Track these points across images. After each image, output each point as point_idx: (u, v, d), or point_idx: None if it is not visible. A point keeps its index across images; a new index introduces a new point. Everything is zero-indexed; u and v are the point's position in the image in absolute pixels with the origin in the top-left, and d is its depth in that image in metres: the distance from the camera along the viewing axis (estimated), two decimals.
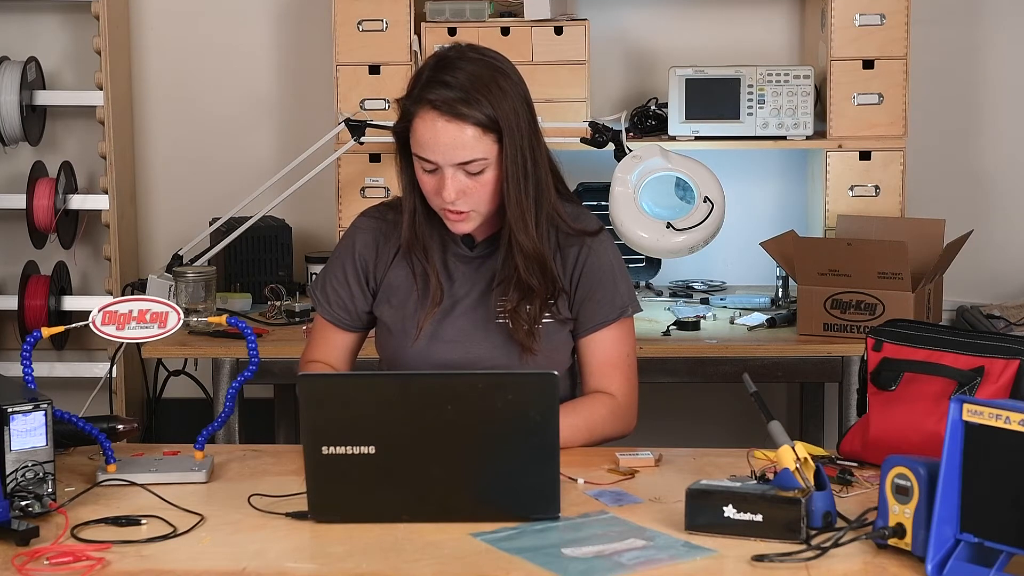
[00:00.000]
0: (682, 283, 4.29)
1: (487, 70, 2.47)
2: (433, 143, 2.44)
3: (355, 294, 2.66)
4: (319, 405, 2.09)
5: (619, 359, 2.61)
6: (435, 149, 2.44)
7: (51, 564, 1.95)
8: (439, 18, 4.05)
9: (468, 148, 2.44)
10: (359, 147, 3.93)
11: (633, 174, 3.57)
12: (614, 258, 2.63)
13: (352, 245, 2.66)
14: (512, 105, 2.46)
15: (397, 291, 2.62)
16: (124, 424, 2.49)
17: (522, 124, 2.47)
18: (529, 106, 2.51)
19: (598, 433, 2.53)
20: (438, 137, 2.44)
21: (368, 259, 2.65)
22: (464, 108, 2.43)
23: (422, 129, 2.45)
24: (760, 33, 4.40)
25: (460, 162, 2.45)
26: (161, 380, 4.21)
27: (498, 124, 2.44)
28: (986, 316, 4.18)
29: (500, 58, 2.53)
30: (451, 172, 2.46)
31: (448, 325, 2.59)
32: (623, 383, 2.60)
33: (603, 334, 2.60)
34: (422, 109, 2.45)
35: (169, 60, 4.53)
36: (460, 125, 2.43)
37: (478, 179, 2.47)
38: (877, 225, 3.89)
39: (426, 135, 2.45)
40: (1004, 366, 2.25)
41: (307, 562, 1.97)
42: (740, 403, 4.18)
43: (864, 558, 1.95)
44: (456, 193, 2.46)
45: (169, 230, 4.53)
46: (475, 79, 2.45)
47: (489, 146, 2.45)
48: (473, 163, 2.45)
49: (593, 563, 1.93)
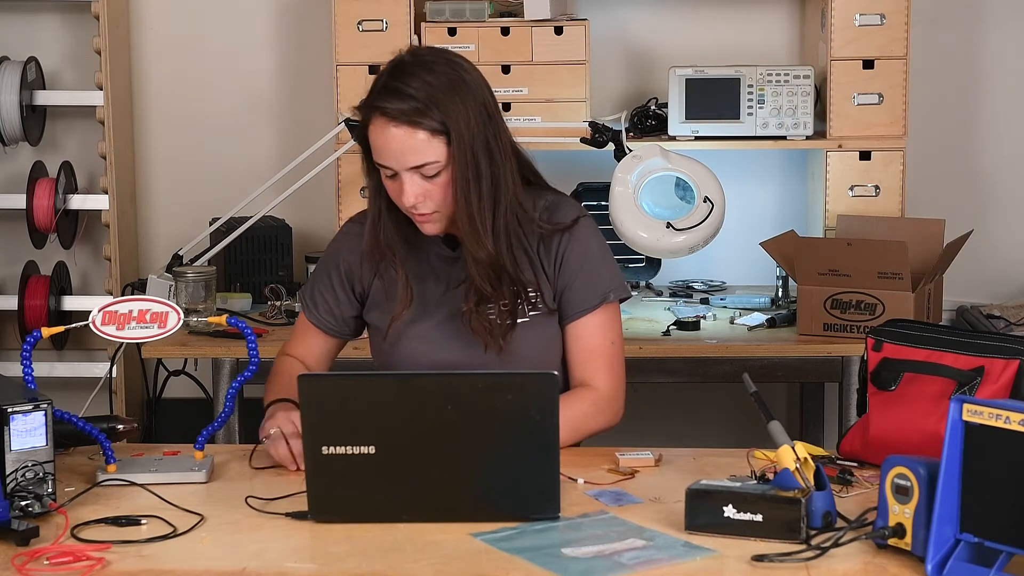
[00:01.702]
0: (682, 283, 4.29)
1: (442, 77, 2.46)
2: (386, 149, 2.45)
3: (340, 300, 2.67)
4: (319, 405, 2.09)
5: (602, 347, 2.58)
6: (388, 155, 2.46)
7: (51, 564, 1.95)
8: (439, 18, 4.05)
9: (419, 152, 2.44)
10: (359, 147, 3.92)
11: (633, 174, 3.57)
12: (596, 244, 2.61)
13: (338, 252, 2.68)
14: (464, 110, 2.45)
15: (387, 294, 2.62)
16: (124, 424, 2.49)
17: (472, 127, 2.45)
18: (486, 106, 2.49)
19: (582, 431, 2.52)
20: (389, 143, 2.45)
21: (353, 265, 2.65)
22: (415, 116, 2.43)
23: (375, 136, 2.47)
24: (760, 33, 4.40)
25: (413, 166, 2.45)
26: (161, 380, 4.21)
27: (448, 129, 2.44)
28: (986, 316, 4.18)
29: (458, 62, 2.51)
30: (407, 176, 2.46)
31: (431, 326, 2.59)
32: (606, 373, 2.57)
33: (585, 321, 2.58)
34: (374, 116, 2.46)
35: (169, 60, 4.54)
36: (409, 130, 2.43)
37: (435, 181, 2.47)
38: (877, 225, 3.89)
39: (379, 142, 2.46)
40: (1004, 366, 2.25)
41: (307, 562, 1.97)
42: (740, 403, 4.18)
43: (864, 558, 1.95)
44: (415, 197, 2.47)
45: (169, 230, 4.53)
46: (428, 86, 2.44)
47: (441, 149, 2.45)
48: (427, 166, 2.45)
49: (593, 563, 1.93)
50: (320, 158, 3.96)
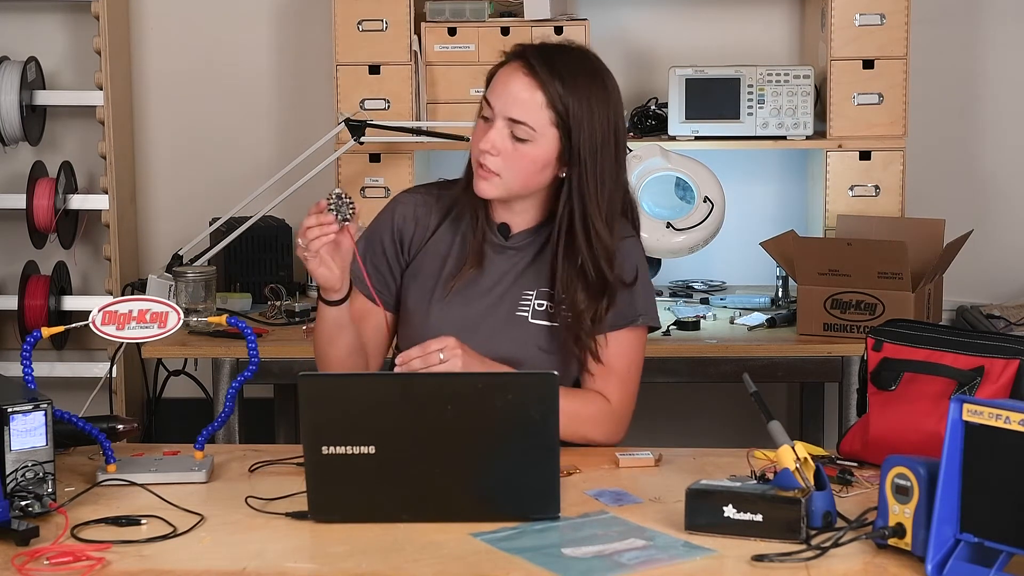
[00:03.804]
0: (682, 283, 4.29)
1: (595, 76, 2.50)
2: (502, 89, 2.47)
3: (392, 267, 2.62)
4: (319, 405, 2.09)
5: (620, 366, 2.56)
6: (500, 94, 2.46)
7: (51, 564, 1.95)
8: (439, 18, 4.05)
9: (526, 108, 2.44)
10: (359, 147, 3.93)
11: (633, 174, 3.58)
12: (639, 265, 2.59)
13: (389, 221, 2.63)
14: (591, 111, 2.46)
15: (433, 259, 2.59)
16: (124, 424, 2.49)
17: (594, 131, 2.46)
18: (614, 126, 2.50)
19: (580, 432, 2.49)
20: (508, 84, 2.46)
21: (405, 231, 2.61)
22: (547, 79, 2.44)
23: (501, 75, 2.49)
24: (760, 33, 4.40)
25: (511, 117, 2.45)
26: (161, 380, 4.21)
27: (567, 112, 2.45)
28: (986, 316, 4.18)
29: (607, 70, 2.55)
30: (500, 124, 2.46)
31: (466, 307, 2.56)
32: (619, 391, 2.56)
33: (609, 337, 2.55)
34: (513, 60, 2.49)
35: (169, 60, 4.54)
36: (533, 85, 2.45)
37: (519, 147, 2.46)
38: (877, 225, 3.89)
39: (500, 80, 2.48)
40: (1004, 366, 2.25)
41: (307, 562, 1.97)
42: (740, 403, 4.17)
43: (864, 558, 1.95)
44: (493, 146, 2.46)
45: (169, 230, 4.53)
46: (578, 69, 2.47)
47: (544, 123, 2.45)
48: (522, 126, 2.45)
49: (593, 563, 1.93)
50: (320, 158, 3.96)
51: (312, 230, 2.40)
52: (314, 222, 2.41)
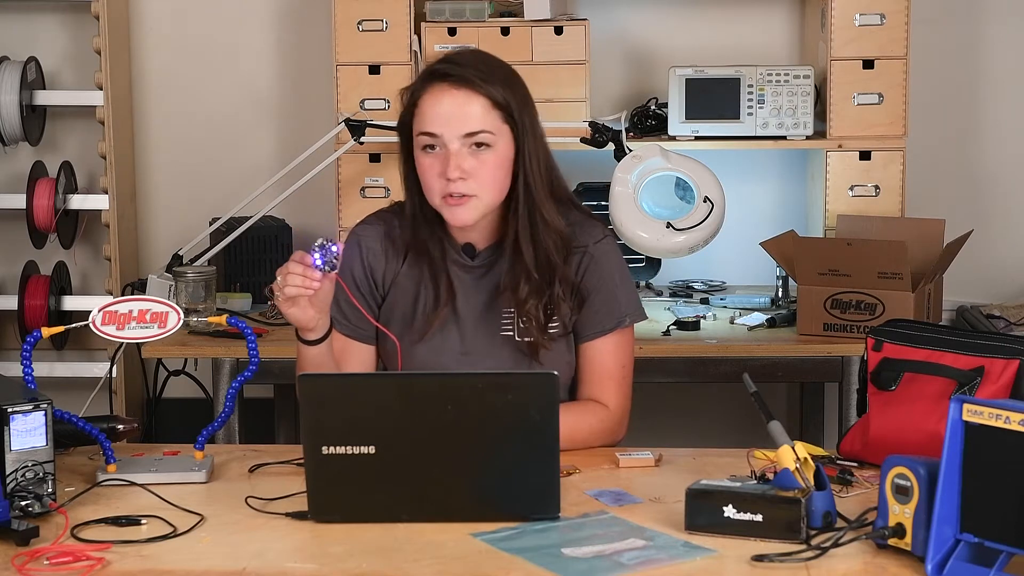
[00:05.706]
0: (682, 283, 4.29)
1: (499, 62, 2.51)
2: (439, 114, 2.43)
3: (370, 303, 2.60)
4: (319, 405, 2.09)
5: (615, 370, 2.58)
6: (440, 120, 2.42)
7: (51, 564, 1.95)
8: (439, 18, 4.05)
9: (476, 118, 2.43)
10: (359, 147, 3.93)
11: (633, 174, 3.57)
12: (616, 266, 2.59)
13: (358, 255, 2.60)
14: (523, 95, 2.48)
15: (405, 295, 2.59)
16: (124, 424, 2.49)
17: (527, 114, 2.48)
18: (532, 106, 2.52)
19: (579, 441, 2.48)
20: (444, 106, 2.42)
21: (376, 267, 2.60)
22: (477, 81, 2.43)
23: (429, 103, 2.44)
24: (760, 33, 4.40)
25: (467, 132, 2.42)
26: (161, 380, 4.21)
27: (509, 105, 2.45)
28: (986, 316, 4.18)
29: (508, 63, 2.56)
30: (456, 147, 2.43)
31: (449, 337, 2.57)
32: (616, 394, 2.57)
33: (599, 343, 2.57)
34: (430, 85, 2.45)
35: (169, 60, 4.54)
36: (469, 94, 2.43)
37: (482, 157, 2.44)
38: (877, 225, 3.89)
39: (433, 107, 2.43)
40: (1004, 366, 2.25)
41: (307, 562, 1.97)
42: (740, 403, 4.18)
43: (864, 558, 1.95)
44: (459, 171, 2.43)
45: (169, 230, 4.53)
46: (487, 63, 2.48)
47: (497, 123, 2.44)
48: (481, 134, 2.43)
49: (593, 563, 1.93)
50: (320, 158, 3.96)
51: (294, 277, 2.36)
52: (299, 271, 2.36)
